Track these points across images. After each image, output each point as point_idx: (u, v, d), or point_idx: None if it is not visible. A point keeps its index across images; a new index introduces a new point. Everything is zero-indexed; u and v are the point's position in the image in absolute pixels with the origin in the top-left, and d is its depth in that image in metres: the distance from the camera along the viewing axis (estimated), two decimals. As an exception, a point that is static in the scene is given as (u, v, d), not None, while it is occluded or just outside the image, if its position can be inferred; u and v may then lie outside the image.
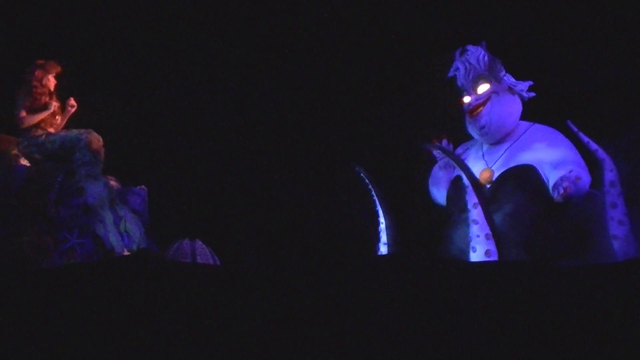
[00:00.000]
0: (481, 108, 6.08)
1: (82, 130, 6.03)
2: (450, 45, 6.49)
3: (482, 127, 6.05)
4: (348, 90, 7.59)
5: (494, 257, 5.52)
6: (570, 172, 5.59)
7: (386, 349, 3.43)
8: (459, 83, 6.25)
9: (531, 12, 7.31)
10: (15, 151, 5.99)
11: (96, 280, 3.89)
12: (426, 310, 3.61)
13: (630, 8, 7.02)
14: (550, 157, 5.76)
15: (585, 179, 5.63)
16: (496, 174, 5.88)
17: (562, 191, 5.52)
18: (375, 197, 6.18)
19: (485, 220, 5.63)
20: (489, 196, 5.78)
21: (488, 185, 5.87)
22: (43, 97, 6.08)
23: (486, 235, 5.61)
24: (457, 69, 6.25)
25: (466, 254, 5.72)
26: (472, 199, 5.71)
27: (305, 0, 7.58)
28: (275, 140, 7.59)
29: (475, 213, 5.68)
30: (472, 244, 5.64)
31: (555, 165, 5.71)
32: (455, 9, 7.43)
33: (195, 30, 7.62)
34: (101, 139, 6.01)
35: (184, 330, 3.53)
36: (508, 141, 6.03)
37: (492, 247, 5.56)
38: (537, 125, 6.05)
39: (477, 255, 5.59)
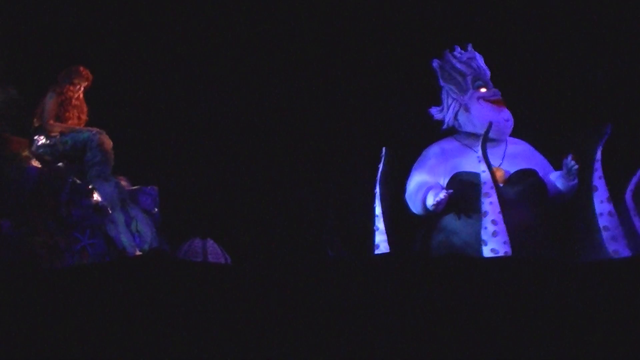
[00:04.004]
0: (503, 103, 6.22)
1: (93, 131, 6.06)
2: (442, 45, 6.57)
3: (507, 120, 6.13)
4: (353, 86, 7.60)
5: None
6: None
7: (399, 348, 3.43)
8: (468, 71, 6.27)
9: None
10: (26, 153, 6.01)
11: (108, 281, 3.89)
12: (428, 308, 3.61)
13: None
14: (542, 162, 6.19)
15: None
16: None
17: (575, 166, 5.85)
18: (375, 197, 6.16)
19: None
20: (514, 194, 5.86)
21: (501, 184, 5.91)
22: (74, 102, 6.17)
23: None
24: (473, 58, 6.29)
25: (474, 247, 5.76)
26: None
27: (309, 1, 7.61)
28: (287, 139, 7.59)
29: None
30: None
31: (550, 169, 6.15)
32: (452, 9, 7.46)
33: (207, 29, 7.62)
34: (111, 141, 6.04)
35: (196, 329, 3.53)
36: (499, 146, 6.07)
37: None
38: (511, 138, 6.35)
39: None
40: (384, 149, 6.21)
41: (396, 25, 7.51)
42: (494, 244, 5.62)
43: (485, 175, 5.80)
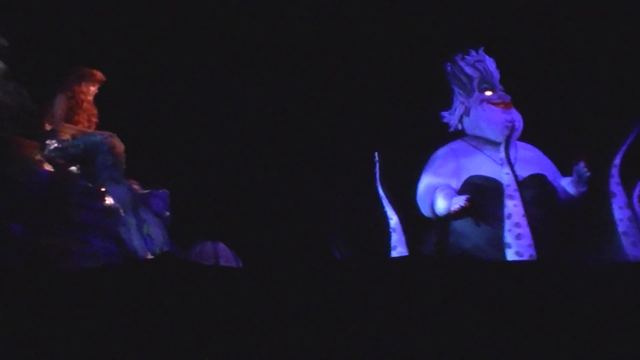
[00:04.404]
0: (512, 105, 6.19)
1: (105, 134, 6.07)
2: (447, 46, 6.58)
3: (512, 122, 6.11)
4: (360, 89, 7.61)
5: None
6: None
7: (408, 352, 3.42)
8: (474, 74, 6.28)
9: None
10: (38, 156, 6.02)
11: (119, 284, 3.90)
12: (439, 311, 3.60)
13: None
14: (551, 167, 6.19)
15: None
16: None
17: (587, 173, 5.89)
18: (382, 199, 6.19)
19: None
20: (527, 198, 5.85)
21: None
22: (83, 104, 6.20)
23: None
24: (481, 61, 6.30)
25: (484, 251, 5.75)
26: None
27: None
28: (296, 141, 7.59)
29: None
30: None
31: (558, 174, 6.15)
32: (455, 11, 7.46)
33: (219, 33, 7.64)
34: (122, 144, 6.05)
35: (207, 333, 3.53)
36: (509, 150, 6.05)
37: None
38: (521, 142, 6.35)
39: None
40: (375, 154, 6.26)
41: (407, 27, 7.51)
42: (518, 247, 5.60)
43: (509, 178, 5.79)
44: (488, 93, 6.24)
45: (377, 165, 6.24)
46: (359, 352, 3.42)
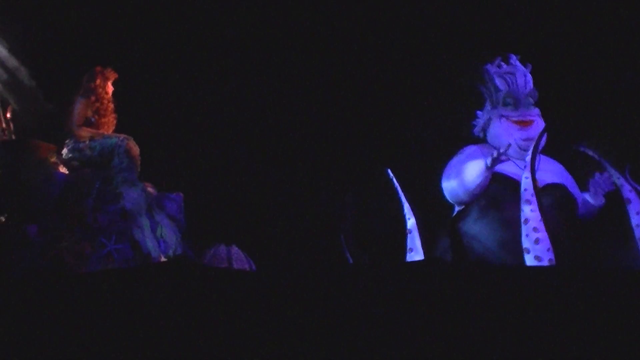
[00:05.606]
0: (533, 122, 6.19)
1: (121, 136, 6.10)
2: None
3: (529, 139, 6.11)
4: (374, 94, 7.61)
5: None
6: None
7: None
8: (502, 87, 6.27)
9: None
10: (53, 159, 6.06)
11: (133, 286, 3.91)
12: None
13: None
14: (572, 182, 6.21)
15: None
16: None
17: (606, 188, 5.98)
18: (402, 201, 6.21)
19: None
20: (547, 204, 5.86)
21: None
22: (109, 104, 6.22)
23: None
24: (512, 73, 6.28)
25: (496, 254, 5.75)
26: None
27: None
28: (310, 145, 7.60)
29: None
30: None
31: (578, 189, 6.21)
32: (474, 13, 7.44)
33: (235, 39, 7.67)
34: (138, 147, 6.08)
35: (219, 336, 3.53)
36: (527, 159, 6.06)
37: None
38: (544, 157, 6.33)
39: None
40: (388, 170, 6.29)
41: (439, 33, 7.50)
42: (537, 252, 5.60)
43: (527, 182, 5.79)
44: (509, 109, 6.25)
45: (394, 179, 6.28)
46: (370, 356, 3.42)
